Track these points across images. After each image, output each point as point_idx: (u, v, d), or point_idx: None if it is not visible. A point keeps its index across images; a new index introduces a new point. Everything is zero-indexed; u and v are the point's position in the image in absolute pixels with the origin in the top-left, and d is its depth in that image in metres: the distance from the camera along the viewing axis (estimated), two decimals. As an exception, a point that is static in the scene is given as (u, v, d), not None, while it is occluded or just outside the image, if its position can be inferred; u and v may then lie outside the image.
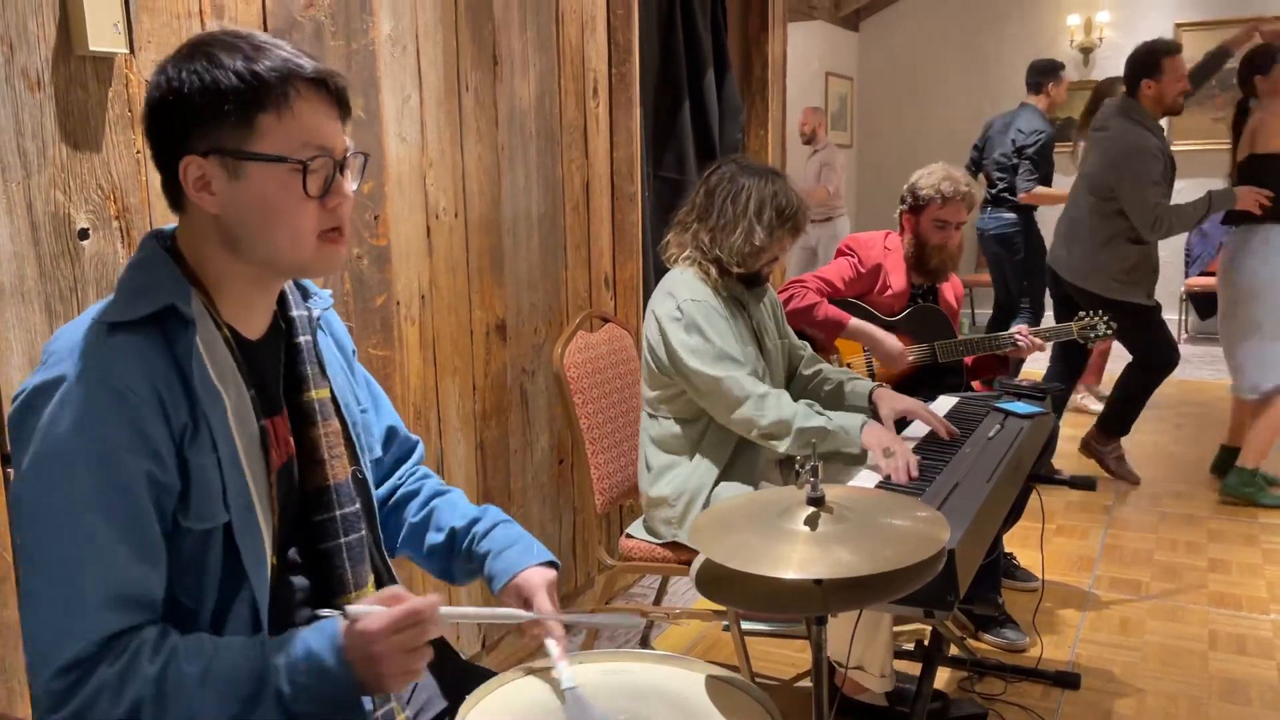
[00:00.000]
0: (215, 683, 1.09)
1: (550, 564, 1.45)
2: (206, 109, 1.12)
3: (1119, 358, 5.72)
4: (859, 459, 2.23)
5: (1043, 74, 5.56)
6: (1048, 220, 5.52)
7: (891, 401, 2.44)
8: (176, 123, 1.14)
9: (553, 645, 1.34)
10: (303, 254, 1.19)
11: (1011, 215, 5.53)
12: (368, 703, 1.25)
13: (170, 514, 1.13)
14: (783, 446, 2.26)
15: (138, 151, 1.75)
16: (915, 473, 2.08)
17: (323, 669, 1.11)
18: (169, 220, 1.78)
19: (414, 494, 1.55)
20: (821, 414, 2.26)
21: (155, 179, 1.76)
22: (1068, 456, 4.78)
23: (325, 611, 1.15)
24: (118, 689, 1.06)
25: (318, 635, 1.13)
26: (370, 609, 1.13)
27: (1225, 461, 4.30)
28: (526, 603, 1.39)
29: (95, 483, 1.08)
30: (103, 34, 1.64)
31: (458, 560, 1.50)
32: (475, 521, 1.50)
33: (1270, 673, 2.77)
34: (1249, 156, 4.00)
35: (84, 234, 1.67)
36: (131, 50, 1.72)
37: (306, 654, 1.12)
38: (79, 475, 1.07)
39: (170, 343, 1.14)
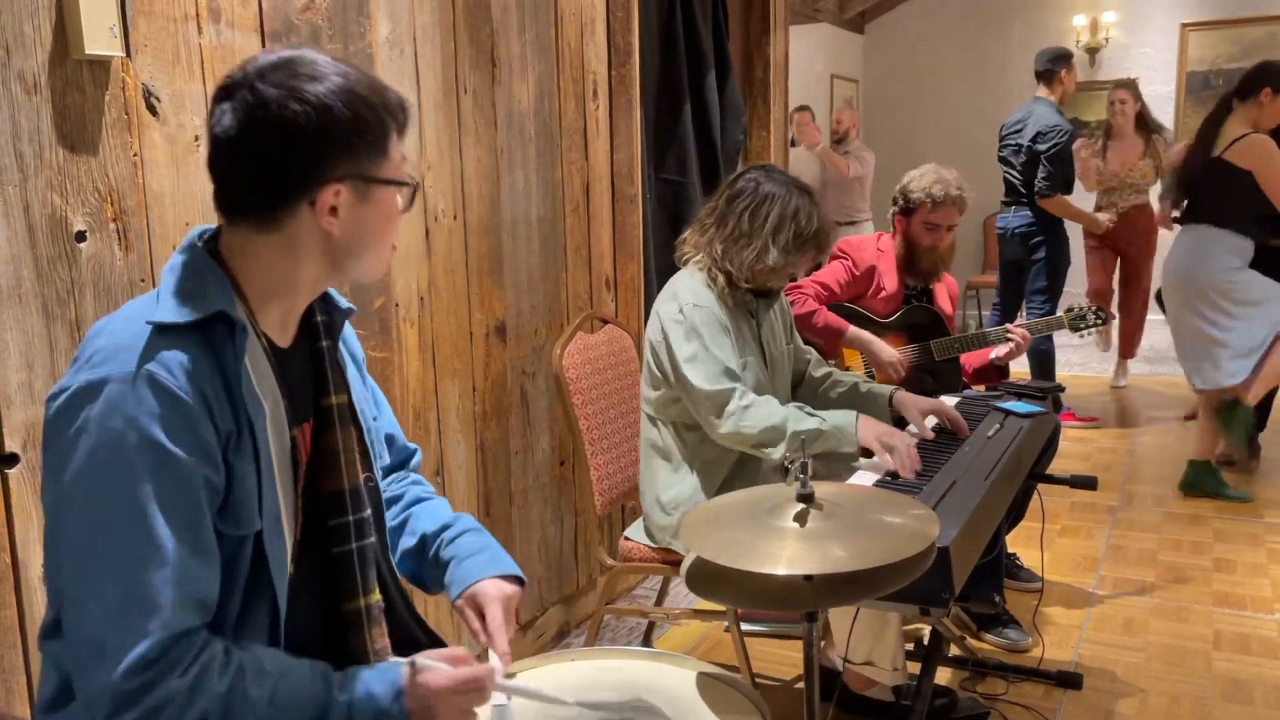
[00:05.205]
0: (280, 708, 1.11)
1: (515, 579, 1.43)
2: (354, 139, 1.16)
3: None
4: (853, 457, 2.22)
5: (1055, 61, 5.15)
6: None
7: (916, 403, 2.43)
8: (322, 151, 1.15)
9: (495, 659, 1.34)
10: (385, 265, 1.29)
11: (1041, 212, 5.15)
12: None
13: (214, 518, 1.14)
14: (777, 454, 2.21)
15: (134, 154, 1.76)
16: (918, 464, 2.08)
17: (381, 713, 1.14)
18: (165, 224, 1.81)
19: (397, 499, 1.55)
20: (813, 415, 2.22)
21: (152, 181, 1.78)
22: (1070, 456, 4.77)
23: (395, 660, 1.18)
24: (187, 701, 1.07)
25: (381, 680, 1.16)
26: (436, 665, 1.16)
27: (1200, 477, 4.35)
28: (480, 613, 1.38)
29: (157, 482, 1.08)
30: (98, 38, 1.65)
31: (427, 566, 1.50)
32: (446, 528, 1.50)
33: (1275, 673, 2.76)
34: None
35: (81, 236, 1.68)
36: (128, 53, 1.73)
37: (368, 695, 1.14)
38: (140, 474, 1.07)
39: (216, 350, 1.15)
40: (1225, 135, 4.03)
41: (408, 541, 1.51)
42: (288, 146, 1.14)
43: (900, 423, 2.46)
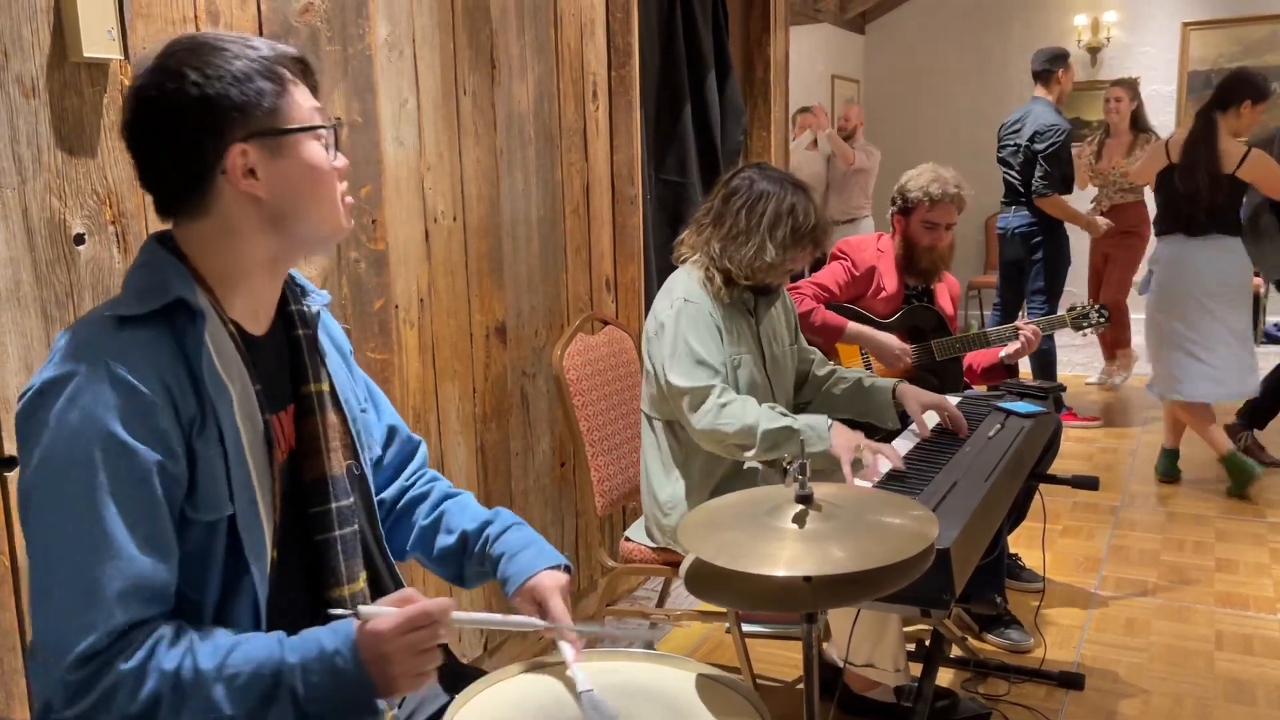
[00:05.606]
0: (232, 680, 1.10)
1: (563, 567, 1.46)
2: (242, 98, 1.15)
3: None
4: (826, 456, 2.18)
5: (1052, 61, 5.12)
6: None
7: (917, 396, 2.42)
8: (214, 117, 1.15)
9: (567, 648, 1.34)
10: (340, 218, 1.26)
11: (1040, 212, 5.12)
12: (380, 704, 1.25)
13: (179, 506, 1.15)
14: (751, 454, 2.20)
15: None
16: (899, 464, 2.06)
17: (336, 668, 1.12)
18: (163, 226, 1.80)
19: (423, 497, 1.56)
20: (785, 415, 2.20)
21: (150, 184, 1.77)
22: (1072, 456, 4.76)
23: (339, 612, 1.16)
24: (136, 683, 1.07)
25: (332, 635, 1.15)
26: (382, 610, 1.15)
27: (1171, 464, 4.45)
28: (540, 606, 1.40)
29: (109, 475, 1.09)
30: (97, 40, 1.65)
31: (469, 563, 1.50)
32: (487, 524, 1.50)
33: (1277, 673, 2.75)
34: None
35: (79, 239, 1.68)
36: (126, 56, 1.73)
37: (320, 653, 1.13)
38: (93, 467, 1.08)
39: (178, 337, 1.16)
40: (1228, 152, 4.01)
41: (446, 540, 1.51)
42: (175, 123, 1.15)
43: (903, 416, 2.45)
